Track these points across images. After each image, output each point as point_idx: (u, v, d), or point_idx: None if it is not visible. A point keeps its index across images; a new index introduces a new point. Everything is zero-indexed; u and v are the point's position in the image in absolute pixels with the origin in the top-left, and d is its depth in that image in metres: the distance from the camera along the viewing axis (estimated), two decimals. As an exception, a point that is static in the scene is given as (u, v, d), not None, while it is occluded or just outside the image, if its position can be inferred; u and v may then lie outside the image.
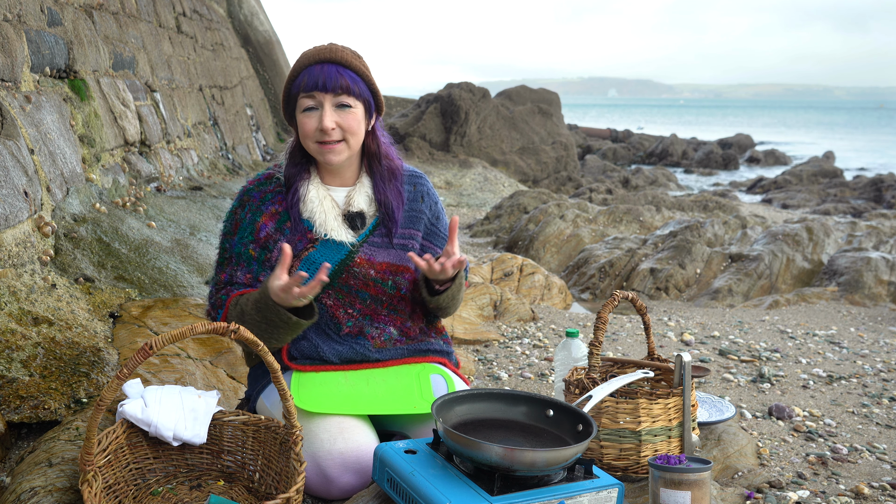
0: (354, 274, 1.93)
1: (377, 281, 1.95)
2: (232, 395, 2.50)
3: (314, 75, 1.84)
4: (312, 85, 1.84)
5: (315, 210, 1.92)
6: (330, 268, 1.76)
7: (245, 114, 9.83)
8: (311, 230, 1.92)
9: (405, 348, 2.03)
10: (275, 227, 1.93)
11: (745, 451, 2.19)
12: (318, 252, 1.91)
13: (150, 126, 5.26)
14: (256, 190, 1.97)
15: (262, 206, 1.94)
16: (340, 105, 1.86)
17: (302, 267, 1.90)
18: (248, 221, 1.94)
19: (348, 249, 1.93)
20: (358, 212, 1.96)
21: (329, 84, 1.83)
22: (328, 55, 1.86)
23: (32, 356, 2.23)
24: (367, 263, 1.94)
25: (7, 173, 2.75)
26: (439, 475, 1.52)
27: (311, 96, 1.85)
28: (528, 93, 17.36)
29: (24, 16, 3.48)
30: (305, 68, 1.86)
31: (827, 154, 23.10)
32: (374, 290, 1.95)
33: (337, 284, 1.93)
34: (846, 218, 11.34)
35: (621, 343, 3.78)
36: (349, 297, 1.94)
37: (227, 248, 1.96)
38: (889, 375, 3.31)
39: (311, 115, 1.86)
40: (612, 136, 26.59)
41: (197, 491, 1.74)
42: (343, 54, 1.87)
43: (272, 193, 1.96)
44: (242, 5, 12.34)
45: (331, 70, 1.84)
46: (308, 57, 1.87)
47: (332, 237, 1.91)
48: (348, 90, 1.85)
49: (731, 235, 7.38)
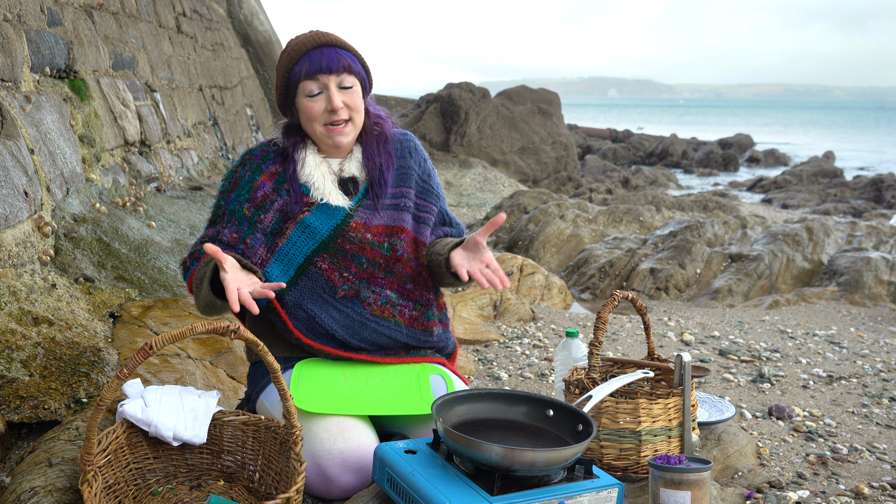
0: (350, 238, 1.95)
1: (374, 244, 1.97)
2: (232, 395, 2.50)
3: (316, 59, 1.89)
4: (317, 69, 1.88)
5: (313, 174, 1.96)
6: (284, 286, 1.76)
7: (245, 114, 9.83)
8: (308, 194, 1.95)
9: (407, 332, 2.01)
10: (272, 186, 1.96)
11: (745, 451, 2.19)
12: (313, 216, 1.94)
13: (150, 126, 5.26)
14: (259, 150, 2.01)
15: (263, 165, 1.98)
16: (343, 86, 1.91)
17: (297, 230, 1.93)
18: (247, 179, 1.97)
19: (344, 213, 1.96)
20: (350, 177, 2.00)
21: (333, 66, 1.89)
22: (324, 39, 1.91)
23: (32, 356, 2.23)
24: (363, 227, 1.96)
25: (7, 173, 2.75)
26: (439, 475, 1.53)
27: (315, 79, 1.89)
28: (528, 93, 17.36)
29: (24, 16, 3.48)
30: (304, 54, 1.90)
31: (827, 154, 23.11)
32: (370, 253, 1.97)
33: (332, 249, 1.95)
34: (846, 218, 11.34)
35: (621, 343, 3.78)
36: (345, 261, 1.95)
37: (221, 206, 1.99)
38: (889, 375, 3.31)
39: (317, 99, 1.90)
40: (612, 136, 26.59)
41: (197, 491, 1.74)
42: (336, 37, 1.93)
43: (274, 153, 2.00)
44: (242, 5, 12.34)
45: (331, 52, 1.90)
46: (303, 43, 1.91)
47: (329, 201, 1.94)
48: (350, 69, 1.91)
49: (731, 235, 7.38)
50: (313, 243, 1.94)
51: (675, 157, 21.50)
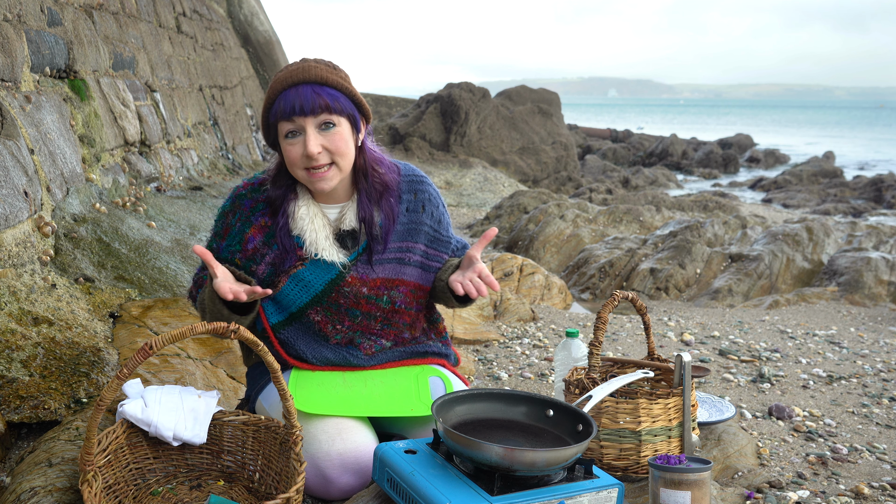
0: (344, 293, 1.89)
1: (370, 298, 1.91)
2: (232, 395, 2.50)
3: (290, 100, 1.74)
4: (290, 110, 1.74)
5: (305, 228, 1.86)
6: (270, 293, 1.75)
7: (245, 114, 9.83)
8: (301, 247, 1.87)
9: (402, 351, 2.03)
10: (262, 240, 1.89)
11: (745, 451, 2.19)
12: (307, 270, 1.87)
13: (150, 126, 5.26)
14: (248, 197, 1.91)
15: (252, 217, 1.89)
16: (324, 125, 1.76)
17: (290, 284, 1.88)
18: (237, 230, 1.90)
19: (338, 270, 1.88)
20: (349, 230, 1.90)
21: (307, 107, 1.73)
22: (301, 76, 1.75)
23: (32, 356, 2.23)
24: (359, 282, 1.89)
25: (7, 173, 2.75)
26: (439, 475, 1.52)
27: (290, 121, 1.75)
28: (528, 93, 17.36)
29: (24, 16, 3.48)
30: (280, 94, 1.76)
31: (827, 154, 23.11)
32: (366, 307, 1.92)
33: (326, 302, 1.90)
34: (846, 218, 11.34)
35: (621, 343, 3.78)
36: (338, 314, 1.91)
37: (214, 249, 1.95)
38: (889, 375, 3.31)
39: (295, 142, 1.77)
40: (612, 136, 26.59)
41: (197, 491, 1.74)
42: (317, 71, 1.76)
43: (263, 204, 1.90)
44: (242, 5, 12.34)
45: (306, 91, 1.74)
46: (280, 81, 1.77)
47: (324, 257, 1.86)
48: (328, 108, 1.75)
49: (731, 235, 7.38)
50: (306, 297, 1.89)
51: (675, 157, 21.50)
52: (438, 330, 2.11)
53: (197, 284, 1.97)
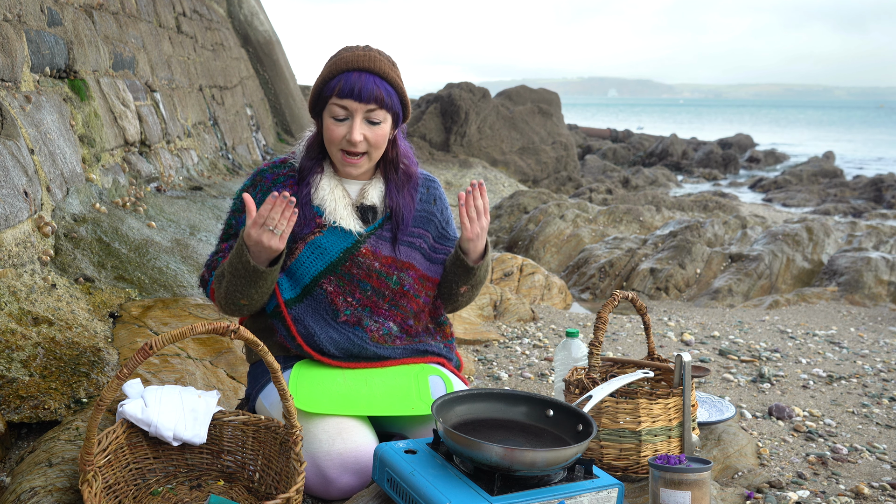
0: (358, 263, 1.94)
1: (381, 274, 1.96)
2: (232, 395, 2.50)
3: (351, 82, 1.83)
4: (348, 92, 1.83)
5: (326, 198, 1.94)
6: (294, 200, 1.78)
7: (245, 114, 9.83)
8: (321, 216, 1.94)
9: (404, 348, 2.03)
10: None
11: (745, 451, 2.19)
12: (324, 237, 1.93)
13: (150, 126, 5.26)
14: (270, 171, 1.99)
15: (274, 188, 1.96)
16: (371, 121, 1.86)
17: (307, 250, 1.93)
18: (258, 201, 1.95)
19: (355, 238, 1.94)
20: (370, 205, 1.98)
21: (364, 94, 1.83)
22: (367, 64, 1.84)
23: (32, 356, 2.23)
24: (371, 255, 1.95)
25: (7, 173, 2.75)
26: (439, 475, 1.52)
27: (343, 105, 1.85)
28: (528, 93, 17.36)
29: (24, 16, 3.48)
30: (343, 73, 1.85)
31: (827, 154, 23.11)
32: (376, 282, 1.96)
33: (339, 271, 1.94)
34: (846, 218, 11.34)
35: (621, 343, 3.78)
36: (350, 285, 1.95)
37: (232, 224, 1.98)
38: (889, 375, 3.31)
39: (341, 124, 1.87)
40: (612, 136, 26.59)
41: (197, 491, 1.74)
42: (381, 64, 1.86)
43: (284, 177, 1.98)
44: (242, 5, 12.34)
45: (368, 80, 1.83)
46: (346, 61, 1.85)
47: (341, 225, 1.93)
48: (382, 103, 1.85)
49: (731, 235, 7.38)
50: (322, 264, 1.93)
51: (675, 157, 21.49)
52: (445, 333, 2.13)
53: (210, 268, 1.98)
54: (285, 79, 13.11)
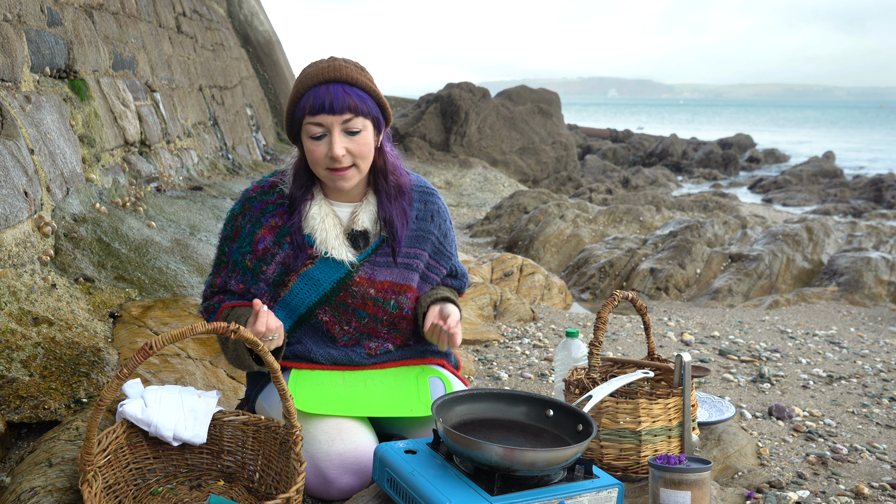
0: (352, 293, 1.91)
1: (377, 300, 1.93)
2: (232, 395, 2.50)
3: (319, 96, 1.76)
4: (319, 107, 1.76)
5: (316, 227, 1.88)
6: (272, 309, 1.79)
7: (245, 114, 9.83)
8: (312, 246, 1.89)
9: (402, 352, 2.03)
10: (273, 240, 1.90)
11: (745, 451, 2.19)
12: (317, 269, 1.89)
13: (150, 126, 5.26)
14: (258, 199, 1.93)
15: (262, 218, 1.91)
16: (349, 132, 1.79)
17: (300, 282, 1.89)
18: (248, 232, 1.91)
19: (347, 269, 1.90)
20: (361, 231, 1.92)
21: (336, 105, 1.75)
22: (333, 74, 1.77)
23: (32, 356, 2.23)
24: (366, 282, 1.91)
25: (7, 173, 2.75)
26: (439, 475, 1.52)
27: (318, 123, 1.77)
28: (528, 93, 17.36)
29: (24, 16, 3.48)
30: (309, 89, 1.78)
31: (827, 154, 23.10)
32: (373, 309, 1.93)
33: (334, 302, 1.91)
34: (846, 218, 11.34)
35: (621, 343, 3.78)
36: (346, 314, 1.93)
37: (225, 253, 1.96)
38: (889, 375, 3.31)
39: (320, 143, 1.79)
40: (612, 136, 26.59)
41: (197, 491, 1.74)
42: (347, 71, 1.78)
43: (273, 205, 1.91)
44: (242, 5, 12.34)
45: (337, 90, 1.76)
46: (310, 77, 1.78)
47: (333, 255, 1.88)
48: (356, 110, 1.77)
49: (731, 235, 7.38)
50: (315, 295, 1.91)
51: (675, 157, 21.49)
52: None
53: (208, 311, 1.96)
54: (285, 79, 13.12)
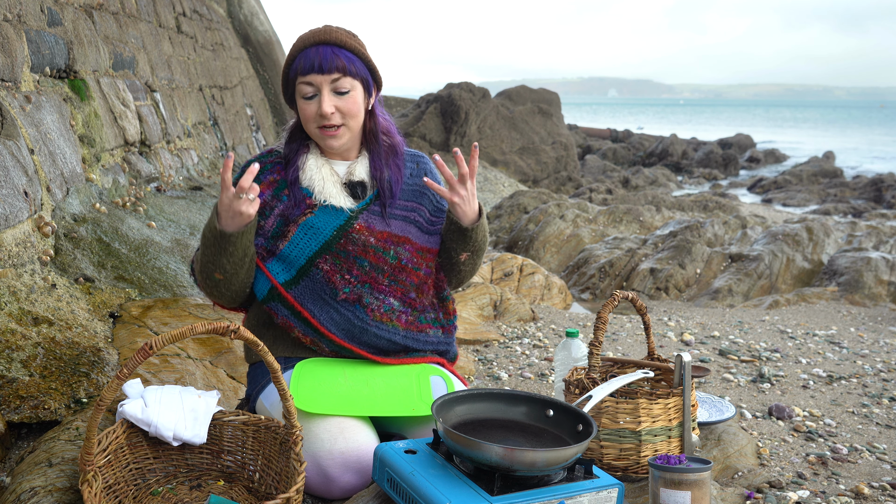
0: (353, 240, 1.94)
1: (377, 249, 1.96)
2: (232, 395, 2.50)
3: (310, 58, 1.86)
4: (309, 67, 1.86)
5: (314, 177, 1.95)
6: (258, 168, 1.81)
7: (245, 114, 9.83)
8: (311, 197, 1.95)
9: (405, 334, 2.00)
10: (272, 193, 1.97)
11: (745, 451, 2.19)
12: (316, 217, 1.94)
13: (150, 126, 5.26)
14: (257, 161, 2.00)
15: (261, 175, 1.98)
16: (338, 91, 1.88)
17: (300, 232, 1.93)
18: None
19: (347, 215, 1.94)
20: (359, 181, 1.99)
21: (325, 65, 1.85)
22: (323, 37, 1.88)
23: (32, 356, 2.23)
24: (366, 231, 1.95)
25: (7, 173, 2.75)
26: (439, 475, 1.52)
27: (308, 82, 1.87)
28: (528, 93, 17.36)
29: (24, 16, 3.48)
30: (301, 51, 1.88)
31: (827, 154, 23.10)
32: (373, 257, 1.96)
33: (335, 249, 1.94)
34: (846, 218, 11.35)
35: (621, 343, 3.78)
36: (347, 262, 1.94)
37: None
38: (889, 375, 3.31)
39: (311, 102, 1.89)
40: (612, 136, 26.59)
41: (197, 491, 1.74)
42: (337, 34, 1.89)
43: (271, 164, 2.00)
44: (242, 5, 12.34)
45: (326, 51, 1.86)
46: (303, 40, 1.89)
47: (332, 202, 1.94)
48: (345, 70, 1.87)
49: (731, 235, 7.38)
50: (316, 244, 1.93)
51: (675, 157, 21.49)
52: (447, 310, 2.12)
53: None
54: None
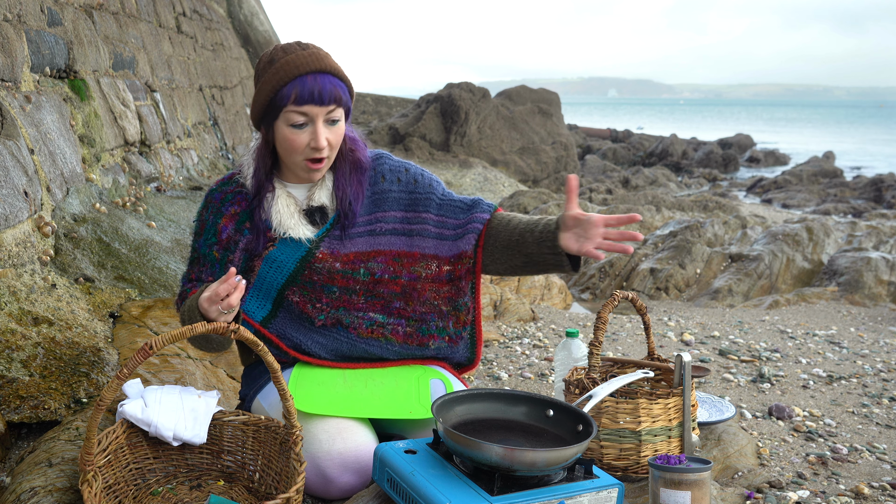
0: (317, 269, 1.92)
1: (345, 272, 1.93)
2: (232, 395, 2.50)
3: (308, 87, 1.76)
4: (308, 97, 1.76)
5: (271, 209, 1.91)
6: (237, 273, 1.77)
7: (245, 114, 9.83)
8: (271, 229, 1.92)
9: (401, 346, 2.01)
10: (234, 228, 1.93)
11: (745, 451, 2.19)
12: (277, 250, 1.91)
13: (150, 126, 5.26)
14: (218, 191, 1.97)
15: (223, 208, 1.94)
16: (331, 121, 1.81)
17: (265, 266, 1.92)
18: (211, 223, 1.94)
19: (307, 247, 1.91)
20: (318, 206, 1.95)
21: (325, 97, 1.77)
22: (318, 65, 1.78)
23: (32, 356, 2.23)
24: (330, 257, 1.92)
25: (7, 173, 2.75)
26: (439, 475, 1.52)
27: (302, 112, 1.77)
28: (528, 93, 17.36)
29: (24, 16, 3.48)
30: (296, 77, 1.77)
31: (827, 154, 23.10)
32: (342, 281, 1.93)
33: (300, 281, 1.93)
34: (846, 218, 11.35)
35: (621, 343, 3.78)
36: (314, 292, 1.93)
37: (195, 249, 1.98)
38: (889, 375, 3.31)
39: (302, 131, 1.80)
40: (612, 136, 26.59)
41: (197, 491, 1.74)
42: (329, 61, 1.81)
43: (232, 194, 1.94)
44: (242, 5, 12.34)
45: (325, 81, 1.77)
46: (295, 65, 1.77)
47: (290, 235, 1.90)
48: (339, 101, 1.80)
49: (731, 235, 7.38)
50: (281, 277, 1.92)
51: (675, 157, 21.48)
52: (459, 320, 2.04)
53: (181, 297, 1.96)
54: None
